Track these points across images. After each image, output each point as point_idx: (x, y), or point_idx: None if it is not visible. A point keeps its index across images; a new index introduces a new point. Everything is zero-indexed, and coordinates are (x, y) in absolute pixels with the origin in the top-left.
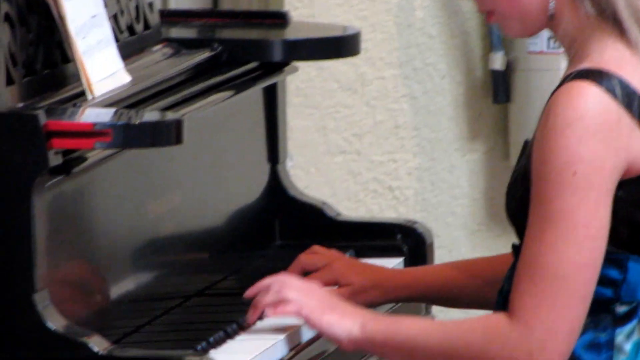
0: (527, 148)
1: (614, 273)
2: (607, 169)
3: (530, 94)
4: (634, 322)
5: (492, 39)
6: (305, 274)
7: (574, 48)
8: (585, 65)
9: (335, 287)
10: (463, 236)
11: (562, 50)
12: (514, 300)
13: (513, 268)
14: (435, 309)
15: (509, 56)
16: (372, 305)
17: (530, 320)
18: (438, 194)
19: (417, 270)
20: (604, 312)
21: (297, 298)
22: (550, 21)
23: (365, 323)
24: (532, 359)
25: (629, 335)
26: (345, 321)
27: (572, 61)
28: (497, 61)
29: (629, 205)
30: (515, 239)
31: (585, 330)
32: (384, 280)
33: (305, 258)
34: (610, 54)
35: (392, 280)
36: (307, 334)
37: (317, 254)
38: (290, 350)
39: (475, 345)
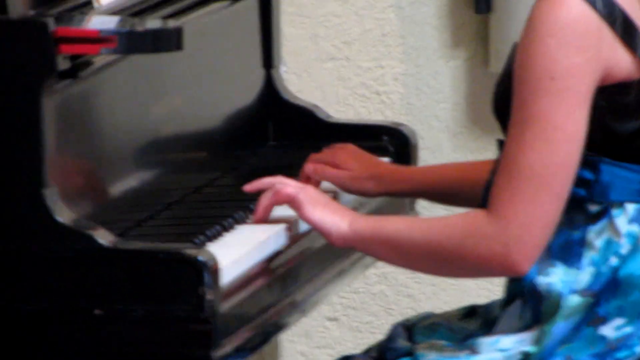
0: (513, 50)
1: (587, 174)
2: (584, 75)
3: (509, 4)
4: (604, 221)
5: None
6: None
7: None
8: None
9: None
10: (446, 138)
11: None
12: (492, 195)
13: (497, 162)
14: (420, 208)
15: None
16: (366, 194)
17: (507, 214)
18: (422, 98)
19: (416, 168)
20: (577, 210)
21: (294, 192)
22: None
23: (353, 220)
24: (508, 250)
25: (599, 233)
26: (335, 217)
27: None
28: None
29: (605, 112)
30: (500, 135)
31: (560, 229)
32: (383, 172)
33: (315, 154)
34: None
35: (390, 174)
36: (303, 227)
37: (326, 149)
38: (285, 242)
39: (455, 237)
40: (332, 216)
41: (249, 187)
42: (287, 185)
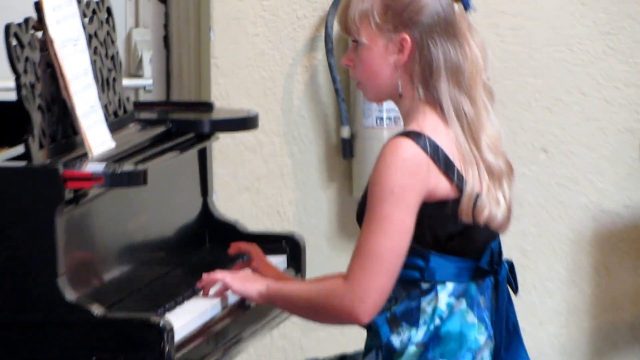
0: (367, 184)
1: (420, 262)
2: (413, 193)
3: (365, 153)
4: (432, 294)
5: (342, 118)
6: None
7: (408, 116)
8: (409, 127)
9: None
10: (324, 243)
11: (385, 126)
12: (348, 266)
13: None
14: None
15: (352, 129)
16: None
17: (354, 281)
18: (308, 215)
19: (289, 277)
20: (414, 287)
21: (221, 276)
22: (397, 97)
23: (269, 284)
24: (353, 306)
25: (429, 302)
26: (256, 284)
27: (404, 124)
28: (345, 132)
29: (431, 221)
30: None
31: (402, 301)
32: (276, 273)
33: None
34: (428, 123)
35: (277, 274)
36: (231, 299)
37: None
38: (220, 311)
39: (325, 294)
40: (253, 284)
41: (201, 284)
42: (226, 273)
